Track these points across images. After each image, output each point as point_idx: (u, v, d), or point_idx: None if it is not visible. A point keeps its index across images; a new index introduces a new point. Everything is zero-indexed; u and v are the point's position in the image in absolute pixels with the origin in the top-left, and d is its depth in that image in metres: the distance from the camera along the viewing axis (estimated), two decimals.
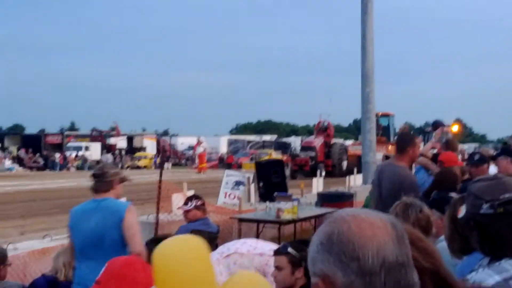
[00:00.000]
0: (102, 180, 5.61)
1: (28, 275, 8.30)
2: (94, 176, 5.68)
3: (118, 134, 68.57)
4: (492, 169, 8.90)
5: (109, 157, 61.02)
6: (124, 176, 5.87)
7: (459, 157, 12.29)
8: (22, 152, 59.23)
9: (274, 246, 5.99)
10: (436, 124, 21.89)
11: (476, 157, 9.26)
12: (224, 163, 56.77)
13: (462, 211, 3.01)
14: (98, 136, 67.34)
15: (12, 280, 7.01)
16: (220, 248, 6.77)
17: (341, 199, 14.92)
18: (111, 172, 5.71)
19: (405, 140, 7.47)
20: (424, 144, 45.54)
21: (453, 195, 5.40)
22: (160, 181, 11.76)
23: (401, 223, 1.71)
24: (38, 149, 60.68)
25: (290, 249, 5.00)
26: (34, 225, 17.35)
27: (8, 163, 54.34)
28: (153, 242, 8.09)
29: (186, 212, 8.47)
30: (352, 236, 1.61)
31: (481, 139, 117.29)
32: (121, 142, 67.11)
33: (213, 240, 8.35)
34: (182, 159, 70.16)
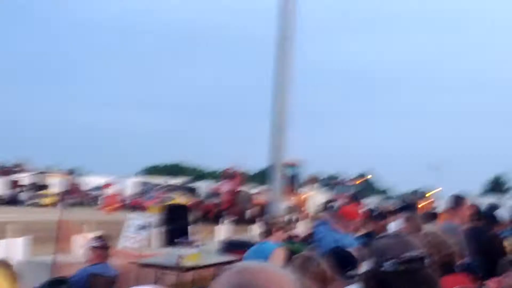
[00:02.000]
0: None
1: None
2: None
3: (22, 170, 67.01)
4: (391, 224, 9.12)
5: (9, 192, 59.52)
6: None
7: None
8: None
9: None
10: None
11: (375, 213, 9.52)
12: (129, 205, 56.09)
13: (363, 267, 3.08)
14: (3, 171, 65.63)
15: None
16: None
17: (244, 247, 14.92)
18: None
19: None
20: (330, 195, 46.02)
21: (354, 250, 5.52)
22: (60, 220, 11.55)
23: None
24: None
25: None
26: None
27: None
28: (49, 285, 7.94)
29: (88, 249, 8.37)
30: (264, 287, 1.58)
31: (383, 194, 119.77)
32: (27, 179, 65.54)
33: (111, 285, 8.24)
34: (87, 199, 68.97)
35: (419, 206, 33.45)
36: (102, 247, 8.31)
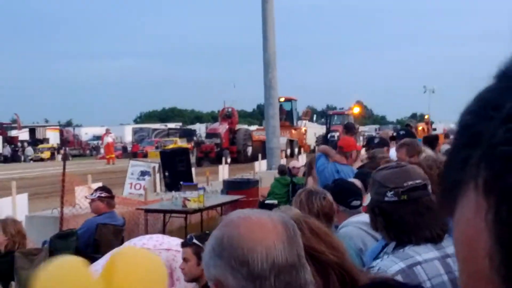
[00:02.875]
0: None
1: None
2: None
3: (19, 127, 66.90)
4: (393, 151, 9.12)
5: (9, 149, 59.52)
6: None
7: (360, 139, 12.61)
8: None
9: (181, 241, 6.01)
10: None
11: (376, 140, 9.50)
12: (129, 152, 56.20)
13: (367, 198, 3.10)
14: None
15: None
16: (126, 244, 6.73)
17: (247, 186, 15.04)
18: None
19: None
20: (327, 127, 46.00)
21: (355, 181, 5.54)
22: (63, 173, 11.57)
23: (293, 222, 1.74)
24: None
25: (195, 240, 5.04)
26: None
27: None
28: (58, 237, 8.01)
29: (90, 203, 8.43)
30: (242, 240, 1.61)
31: (381, 121, 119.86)
32: (23, 134, 65.48)
33: (119, 233, 8.32)
34: (86, 150, 69.10)
35: (419, 129, 33.56)
36: (107, 196, 8.37)
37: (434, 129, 45.64)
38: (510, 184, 0.47)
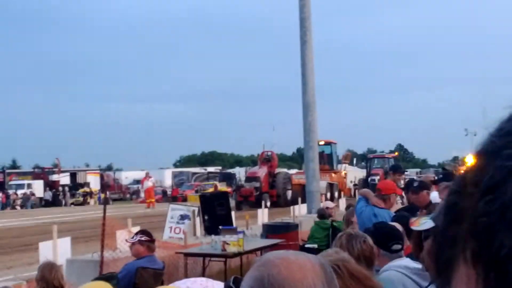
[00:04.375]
0: None
1: None
2: None
3: (59, 171, 67.65)
4: (434, 194, 9.02)
5: (50, 194, 60.23)
6: None
7: (401, 182, 12.47)
8: None
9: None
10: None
11: (415, 184, 9.41)
12: (169, 196, 56.43)
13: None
14: (40, 173, 66.37)
15: None
16: (170, 285, 6.71)
17: (287, 230, 14.99)
18: None
19: None
20: (367, 170, 45.82)
21: (396, 225, 5.49)
22: (104, 217, 11.66)
23: (329, 265, 1.74)
24: None
25: (231, 284, 5.01)
26: None
27: None
28: (100, 281, 8.03)
29: (130, 246, 8.47)
30: (282, 280, 1.61)
31: (422, 164, 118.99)
32: (64, 179, 66.17)
33: (159, 277, 8.32)
34: (126, 194, 69.53)
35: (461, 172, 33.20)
36: (147, 240, 8.39)
37: None
38: (494, 252, 0.50)
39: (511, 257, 0.49)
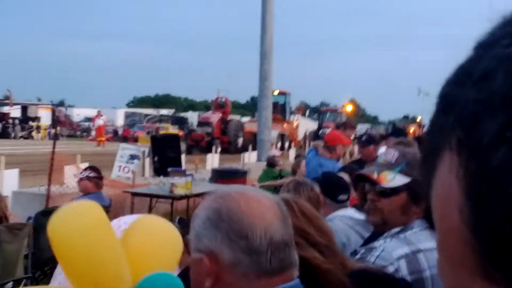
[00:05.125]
0: None
1: None
2: None
3: (11, 103, 66.58)
4: (382, 150, 9.12)
5: (2, 125, 59.36)
6: None
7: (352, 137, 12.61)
8: None
9: None
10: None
11: (364, 138, 9.51)
12: (120, 136, 56.08)
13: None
14: None
15: None
16: (115, 222, 6.71)
17: (235, 176, 15.05)
18: None
19: None
20: (319, 123, 46.08)
21: (343, 175, 5.56)
22: (53, 152, 11.57)
23: (284, 205, 1.76)
24: None
25: (177, 224, 5.05)
26: None
27: None
28: (43, 215, 8.01)
29: (79, 180, 8.44)
30: (241, 214, 1.63)
31: (373, 120, 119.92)
32: (15, 112, 65.17)
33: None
34: (77, 131, 68.91)
35: (410, 131, 33.60)
36: (96, 177, 8.37)
37: None
38: (479, 139, 0.50)
39: (492, 145, 0.49)
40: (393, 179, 2.92)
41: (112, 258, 1.77)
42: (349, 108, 50.66)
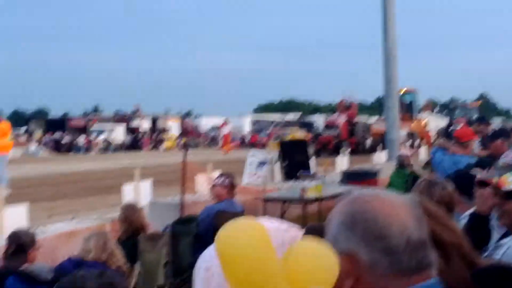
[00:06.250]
0: None
1: (56, 258, 8.41)
2: None
3: (141, 116, 68.68)
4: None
5: (131, 138, 61.40)
6: None
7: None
8: (47, 137, 59.44)
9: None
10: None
11: (495, 133, 9.18)
12: (247, 143, 56.78)
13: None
14: (121, 118, 67.54)
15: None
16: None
17: (366, 177, 14.93)
18: None
19: None
20: (449, 119, 45.08)
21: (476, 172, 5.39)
22: (184, 162, 11.84)
23: (418, 204, 1.74)
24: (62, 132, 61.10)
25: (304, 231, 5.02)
26: (61, 207, 17.47)
27: (33, 147, 54.58)
28: (179, 223, 8.21)
29: (212, 187, 8.54)
30: (376, 215, 1.63)
31: (506, 114, 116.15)
32: (144, 124, 67.18)
33: None
34: (205, 140, 70.24)
35: None
36: (228, 184, 8.47)
37: None
38: None
39: None
40: None
41: (274, 277, 1.81)
42: (479, 106, 49.34)
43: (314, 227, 5.14)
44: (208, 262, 2.57)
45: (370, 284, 1.63)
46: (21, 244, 6.11)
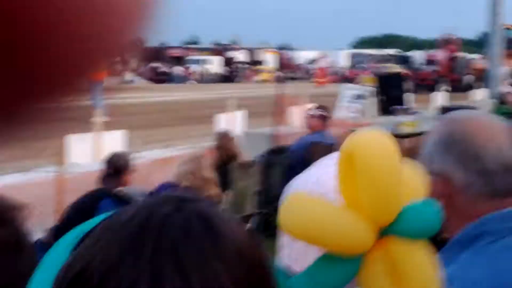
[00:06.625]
0: None
1: (150, 184, 8.53)
2: None
3: (239, 48, 68.88)
4: None
5: (227, 70, 61.72)
6: None
7: None
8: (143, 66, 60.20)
9: None
10: None
11: None
12: (344, 77, 56.33)
13: None
14: (218, 49, 67.88)
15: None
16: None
17: None
18: None
19: None
20: None
21: None
22: (278, 94, 11.80)
23: None
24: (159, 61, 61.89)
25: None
26: (156, 135, 17.76)
27: (129, 75, 55.29)
28: (272, 153, 8.21)
29: (308, 118, 8.49)
30: (474, 136, 1.63)
31: None
32: (241, 56, 67.39)
33: (329, 153, 8.33)
34: (301, 73, 70.02)
35: None
36: (322, 116, 8.40)
37: None
38: None
39: None
40: None
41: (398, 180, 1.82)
42: None
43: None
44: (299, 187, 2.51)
45: (463, 205, 1.63)
46: (117, 166, 6.20)
